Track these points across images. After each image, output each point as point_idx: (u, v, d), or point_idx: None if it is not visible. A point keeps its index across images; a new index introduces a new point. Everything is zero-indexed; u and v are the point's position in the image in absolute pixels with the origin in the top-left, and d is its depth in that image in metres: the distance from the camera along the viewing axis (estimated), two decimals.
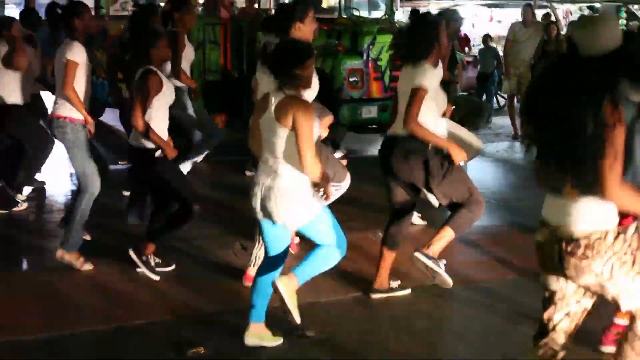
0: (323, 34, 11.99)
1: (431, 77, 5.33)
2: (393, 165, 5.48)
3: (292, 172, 4.49)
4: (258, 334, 4.86)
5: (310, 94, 7.22)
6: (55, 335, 5.09)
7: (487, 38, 15.76)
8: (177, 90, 7.72)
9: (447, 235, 5.45)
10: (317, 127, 4.56)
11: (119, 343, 5.02)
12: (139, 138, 5.91)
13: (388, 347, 5.00)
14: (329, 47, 11.63)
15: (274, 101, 4.48)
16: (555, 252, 3.38)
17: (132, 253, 6.05)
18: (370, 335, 5.17)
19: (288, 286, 4.60)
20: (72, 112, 6.13)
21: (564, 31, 14.16)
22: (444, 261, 5.42)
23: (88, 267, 6.21)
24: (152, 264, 6.08)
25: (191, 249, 6.82)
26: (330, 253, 4.68)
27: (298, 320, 4.67)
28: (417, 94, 5.25)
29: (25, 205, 8.05)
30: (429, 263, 5.36)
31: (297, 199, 4.50)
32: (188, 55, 8.10)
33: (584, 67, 3.26)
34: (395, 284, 5.90)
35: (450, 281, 5.42)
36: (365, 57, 11.18)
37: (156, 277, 6.04)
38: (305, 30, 5.76)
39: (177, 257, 6.48)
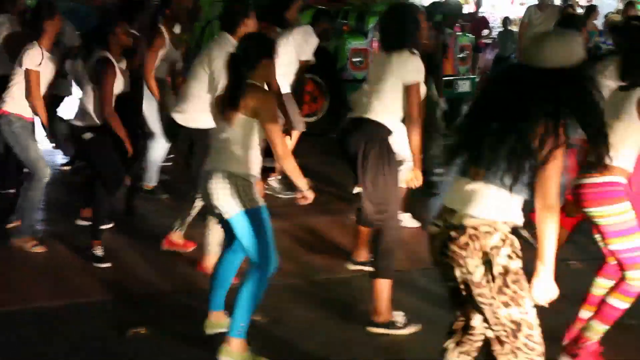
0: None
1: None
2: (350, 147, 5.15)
3: (242, 159, 4.33)
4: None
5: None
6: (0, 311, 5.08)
7: (506, 20, 15.45)
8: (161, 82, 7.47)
9: (382, 288, 4.93)
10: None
11: (62, 321, 4.98)
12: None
13: (331, 333, 4.91)
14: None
15: None
16: (442, 241, 3.23)
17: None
18: (316, 321, 5.07)
19: (232, 353, 4.34)
20: (7, 106, 6.00)
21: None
22: (401, 314, 4.99)
23: (39, 249, 6.12)
24: (100, 253, 5.94)
25: (145, 229, 6.68)
26: (254, 279, 4.31)
27: None
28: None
29: None
30: (388, 332, 4.94)
31: (234, 188, 4.29)
32: (169, 55, 7.36)
33: (533, 79, 3.11)
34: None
35: (413, 330, 4.94)
36: (370, 38, 11.04)
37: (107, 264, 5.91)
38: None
39: (130, 238, 6.45)
